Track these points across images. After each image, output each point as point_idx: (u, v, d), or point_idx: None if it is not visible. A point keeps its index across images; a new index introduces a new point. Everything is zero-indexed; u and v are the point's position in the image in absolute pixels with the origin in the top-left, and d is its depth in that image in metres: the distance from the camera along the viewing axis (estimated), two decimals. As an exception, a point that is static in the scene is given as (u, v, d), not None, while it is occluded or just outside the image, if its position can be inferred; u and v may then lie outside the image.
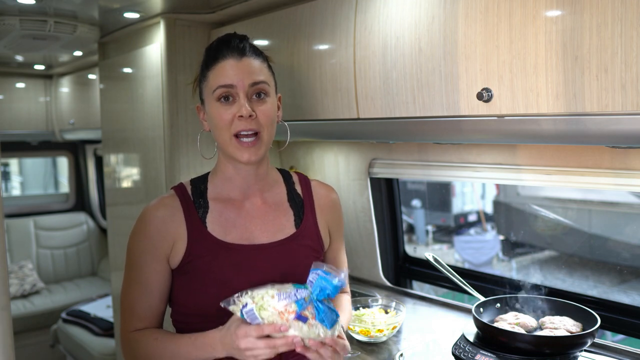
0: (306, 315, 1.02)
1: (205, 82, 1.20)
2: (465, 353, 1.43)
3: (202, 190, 1.24)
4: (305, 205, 1.28)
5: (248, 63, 1.17)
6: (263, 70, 1.20)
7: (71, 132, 3.87)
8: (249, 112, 1.14)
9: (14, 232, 4.23)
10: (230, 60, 1.17)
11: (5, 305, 0.74)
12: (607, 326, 1.63)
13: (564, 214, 4.54)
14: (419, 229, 6.64)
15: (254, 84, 1.16)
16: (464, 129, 1.36)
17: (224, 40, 1.20)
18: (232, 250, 1.18)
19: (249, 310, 1.03)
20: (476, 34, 1.27)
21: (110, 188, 2.73)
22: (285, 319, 1.01)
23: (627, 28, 1.02)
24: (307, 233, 1.25)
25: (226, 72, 1.16)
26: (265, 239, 1.21)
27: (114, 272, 2.71)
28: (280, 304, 1.02)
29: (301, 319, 1.01)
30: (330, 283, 1.02)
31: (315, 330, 1.02)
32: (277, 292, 1.03)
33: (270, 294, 1.03)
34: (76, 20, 2.33)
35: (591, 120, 1.11)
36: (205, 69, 1.21)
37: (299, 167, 2.49)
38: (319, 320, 1.02)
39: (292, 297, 1.03)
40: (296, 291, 1.04)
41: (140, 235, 1.19)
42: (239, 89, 1.15)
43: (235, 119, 1.15)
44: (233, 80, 1.15)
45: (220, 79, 1.16)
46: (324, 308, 1.03)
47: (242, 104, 1.15)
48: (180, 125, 2.17)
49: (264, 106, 1.18)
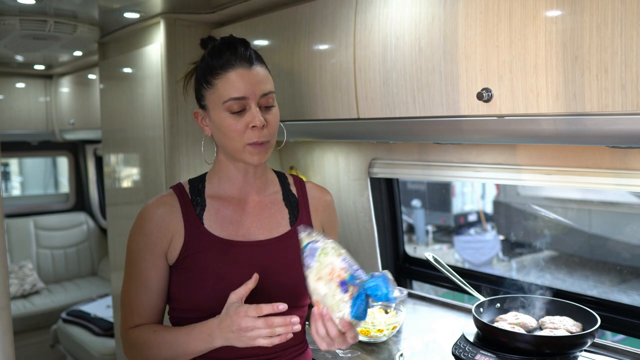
0: (348, 289, 1.01)
1: (212, 90, 1.18)
2: (465, 353, 1.43)
3: (199, 189, 1.26)
4: (300, 205, 1.30)
5: (257, 73, 1.18)
6: (269, 79, 1.21)
7: (71, 132, 3.87)
8: (262, 123, 1.15)
9: (14, 232, 4.23)
10: (240, 70, 1.16)
11: (5, 305, 0.75)
12: (607, 326, 1.63)
13: (564, 214, 4.53)
14: (419, 229, 6.64)
15: (264, 94, 1.18)
16: (464, 129, 1.36)
17: (229, 46, 1.19)
18: (228, 246, 1.20)
19: (315, 247, 1.04)
20: (476, 34, 1.27)
21: (110, 188, 2.73)
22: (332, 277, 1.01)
23: (627, 28, 1.02)
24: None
25: (237, 84, 1.15)
26: (261, 236, 1.24)
27: (114, 272, 2.71)
28: (339, 264, 1.02)
29: (343, 287, 1.00)
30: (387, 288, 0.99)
31: (342, 306, 1.00)
32: (345, 256, 1.04)
33: (340, 252, 1.04)
34: (76, 20, 2.33)
35: (591, 120, 1.11)
36: (209, 76, 1.18)
37: (299, 167, 2.49)
38: (352, 302, 1.01)
39: (352, 268, 1.02)
40: (358, 268, 1.03)
41: (139, 233, 1.21)
42: (251, 100, 1.16)
43: (248, 129, 1.16)
44: (246, 93, 1.15)
45: (231, 90, 1.15)
46: (364, 301, 1.01)
47: (254, 115, 1.15)
48: (180, 125, 2.17)
49: (271, 115, 1.19)
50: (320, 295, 1.02)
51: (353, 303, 1.00)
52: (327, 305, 1.01)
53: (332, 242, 1.06)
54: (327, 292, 1.01)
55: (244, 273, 1.18)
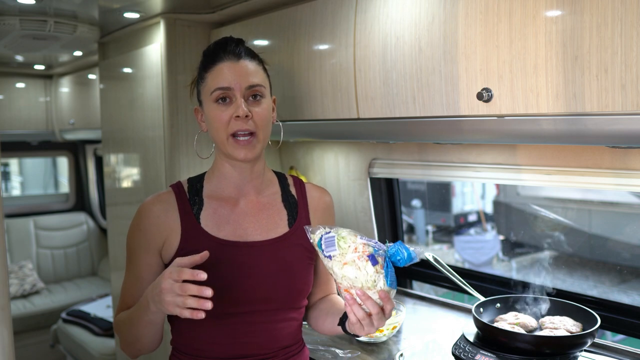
0: (377, 261, 1.04)
1: (203, 84, 1.23)
2: (465, 353, 1.43)
3: (198, 188, 1.27)
4: (299, 206, 1.30)
5: (244, 65, 1.21)
6: (259, 73, 1.23)
7: (71, 132, 3.87)
8: (245, 113, 1.17)
9: (14, 232, 4.23)
10: (227, 62, 1.20)
11: (5, 305, 0.75)
12: (607, 326, 1.63)
13: (564, 214, 4.53)
14: (419, 229, 6.64)
15: (250, 86, 1.20)
16: (464, 129, 1.36)
17: (221, 44, 1.23)
18: (224, 247, 1.20)
19: (330, 236, 1.06)
20: (476, 34, 1.27)
21: (110, 188, 2.73)
22: (359, 254, 1.03)
23: (627, 28, 1.02)
24: (300, 233, 1.26)
25: (223, 74, 1.19)
26: (259, 237, 1.24)
27: (114, 272, 2.71)
28: (360, 242, 1.05)
29: (372, 260, 1.03)
30: (407, 250, 1.04)
31: (376, 278, 1.03)
32: (359, 234, 1.07)
33: (354, 233, 1.07)
34: (76, 20, 2.33)
35: (591, 120, 1.11)
36: (202, 71, 1.24)
37: (299, 167, 2.49)
38: (384, 272, 1.04)
39: (370, 241, 1.05)
40: (376, 241, 1.07)
41: (135, 229, 1.23)
42: (236, 91, 1.19)
43: (232, 119, 1.18)
44: (230, 83, 1.19)
45: (217, 81, 1.19)
46: (392, 268, 1.06)
47: (238, 105, 1.18)
48: (180, 125, 2.17)
49: (259, 107, 1.21)
50: (351, 278, 1.03)
51: (386, 272, 1.04)
52: (361, 285, 1.03)
53: (341, 228, 1.09)
54: (358, 272, 1.03)
55: (240, 274, 1.18)
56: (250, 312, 1.19)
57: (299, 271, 1.24)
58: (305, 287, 1.26)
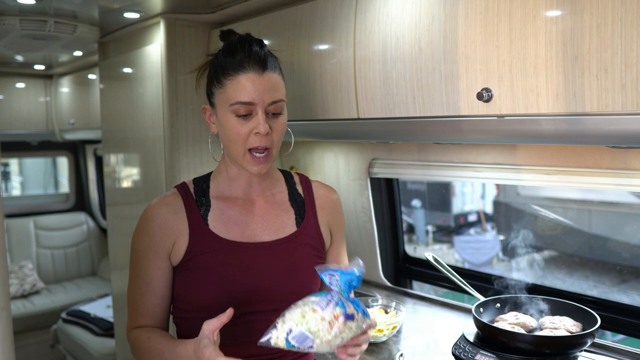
0: (352, 313, 1.00)
1: (222, 90, 1.17)
2: (465, 353, 1.43)
3: (204, 189, 1.25)
4: (307, 204, 1.29)
5: (269, 79, 1.15)
6: (281, 86, 1.19)
7: (71, 132, 3.87)
8: (266, 130, 1.14)
9: (14, 232, 4.23)
10: (251, 74, 1.14)
11: (5, 305, 0.74)
12: (607, 326, 1.63)
13: (564, 214, 4.53)
14: (419, 229, 6.64)
15: (274, 102, 1.16)
16: (464, 129, 1.36)
17: (243, 45, 1.16)
18: (233, 248, 1.19)
19: (297, 334, 0.97)
20: (476, 34, 1.27)
21: (110, 188, 2.73)
22: (337, 325, 0.98)
23: (627, 28, 1.02)
24: (308, 232, 1.26)
25: (247, 88, 1.13)
26: (267, 237, 1.22)
27: (114, 272, 2.71)
28: (327, 313, 0.98)
29: (349, 318, 0.99)
30: (353, 274, 1.00)
31: (361, 324, 1.02)
32: (314, 305, 0.98)
33: (309, 308, 0.98)
34: (76, 20, 2.33)
35: (591, 120, 1.11)
36: (221, 75, 1.17)
37: (299, 167, 2.49)
38: (361, 313, 1.01)
39: (332, 302, 0.99)
40: (330, 296, 1.00)
41: (142, 233, 1.20)
42: (258, 107, 1.14)
43: (251, 134, 1.15)
44: (254, 99, 1.13)
45: (239, 94, 1.13)
46: (356, 300, 1.02)
47: (260, 121, 1.14)
48: (180, 125, 2.17)
49: (278, 123, 1.18)
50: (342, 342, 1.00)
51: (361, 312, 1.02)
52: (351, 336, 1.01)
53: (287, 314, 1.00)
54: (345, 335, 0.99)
55: (249, 275, 1.17)
56: (259, 312, 1.18)
57: (308, 270, 1.23)
58: (314, 286, 1.25)
